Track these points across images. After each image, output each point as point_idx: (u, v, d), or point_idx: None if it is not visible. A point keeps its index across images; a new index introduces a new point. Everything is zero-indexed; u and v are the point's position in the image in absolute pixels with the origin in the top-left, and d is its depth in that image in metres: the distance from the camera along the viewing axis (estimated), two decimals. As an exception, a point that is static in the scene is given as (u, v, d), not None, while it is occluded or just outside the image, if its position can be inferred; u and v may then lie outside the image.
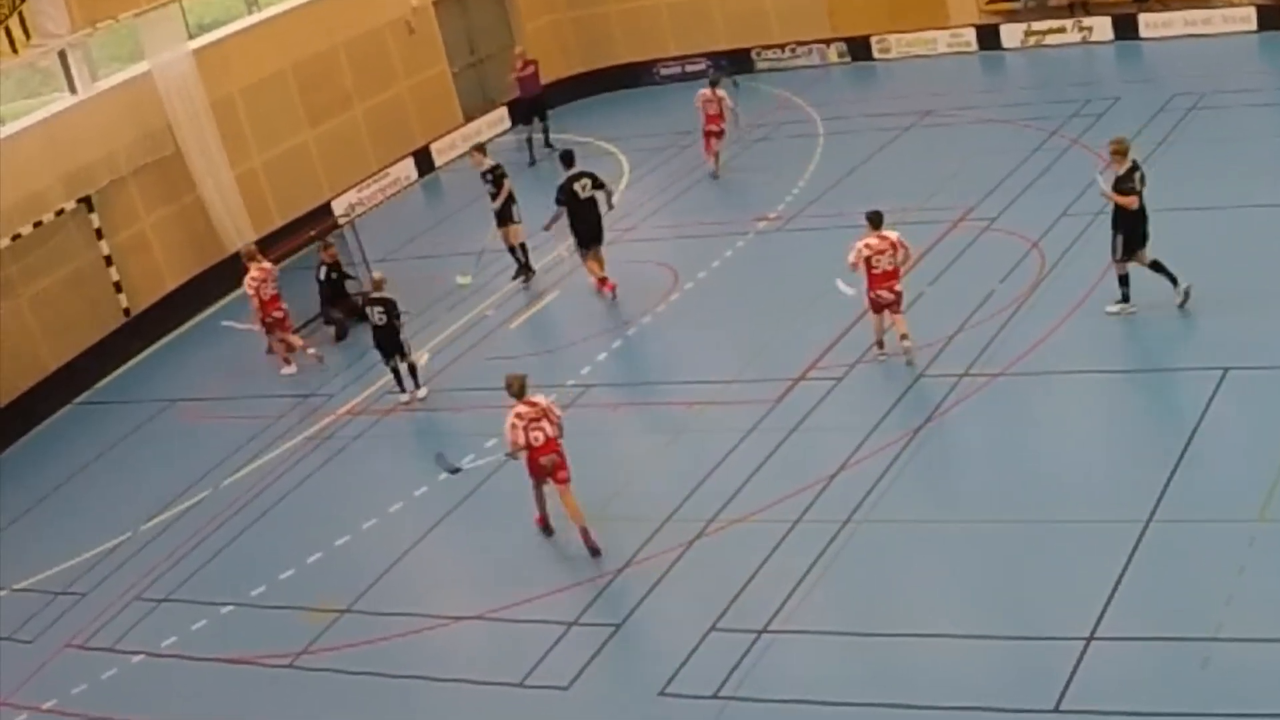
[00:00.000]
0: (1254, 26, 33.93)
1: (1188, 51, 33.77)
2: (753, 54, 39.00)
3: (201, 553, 21.43)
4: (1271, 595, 15.30)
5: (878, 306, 21.71)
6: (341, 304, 27.92)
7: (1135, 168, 21.38)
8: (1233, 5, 34.18)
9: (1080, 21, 35.83)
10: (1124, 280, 21.65)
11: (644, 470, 20.93)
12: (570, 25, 39.28)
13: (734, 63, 38.34)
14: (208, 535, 21.86)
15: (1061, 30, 36.00)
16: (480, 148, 29.11)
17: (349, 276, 28.41)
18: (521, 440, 18.69)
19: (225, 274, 30.20)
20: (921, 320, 22.43)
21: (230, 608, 19.82)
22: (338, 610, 19.14)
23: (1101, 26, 35.64)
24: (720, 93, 31.42)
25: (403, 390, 24.48)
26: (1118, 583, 15.96)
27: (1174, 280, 21.40)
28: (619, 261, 27.42)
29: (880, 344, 22.06)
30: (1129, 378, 20.67)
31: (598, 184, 26.61)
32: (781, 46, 38.64)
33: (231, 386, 26.43)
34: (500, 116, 38.57)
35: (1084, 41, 35.79)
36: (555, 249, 28.18)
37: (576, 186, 26.41)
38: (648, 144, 34.94)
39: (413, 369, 24.53)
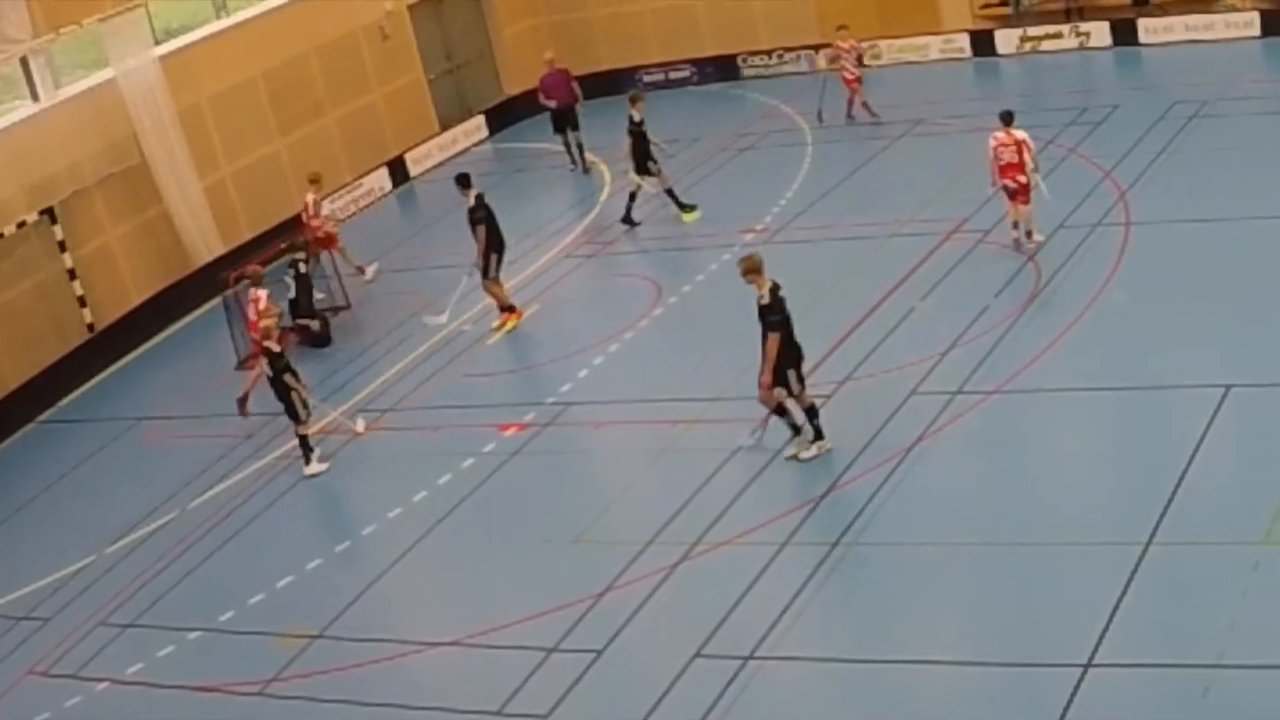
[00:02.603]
0: (1257, 32, 33.83)
1: (1189, 58, 33.71)
2: (739, 60, 38.91)
3: (168, 577, 21.19)
4: (1276, 621, 15.07)
5: (1009, 193, 24.07)
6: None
7: (778, 287, 19.48)
8: (1235, 10, 34.13)
9: (1077, 27, 35.64)
10: (783, 410, 19.99)
11: (626, 491, 20.83)
12: (550, 30, 39.07)
13: (720, 69, 38.02)
14: (175, 559, 21.63)
15: (1058, 36, 35.85)
16: (637, 97, 29.65)
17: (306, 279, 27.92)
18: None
19: (193, 289, 30.10)
20: (913, 336, 22.49)
21: (198, 633, 19.57)
22: (309, 636, 18.87)
23: (1099, 32, 35.46)
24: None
25: (308, 462, 23.00)
26: (1116, 608, 15.71)
27: (816, 433, 20.06)
28: (600, 275, 27.56)
29: (1015, 224, 24.27)
30: (1128, 395, 20.37)
31: None
32: (769, 53, 38.54)
33: (199, 405, 26.32)
34: (478, 125, 38.51)
35: (1081, 48, 35.64)
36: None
37: (488, 202, 26.38)
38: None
39: (304, 441, 22.96)
